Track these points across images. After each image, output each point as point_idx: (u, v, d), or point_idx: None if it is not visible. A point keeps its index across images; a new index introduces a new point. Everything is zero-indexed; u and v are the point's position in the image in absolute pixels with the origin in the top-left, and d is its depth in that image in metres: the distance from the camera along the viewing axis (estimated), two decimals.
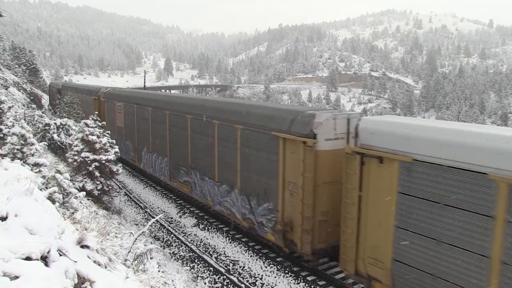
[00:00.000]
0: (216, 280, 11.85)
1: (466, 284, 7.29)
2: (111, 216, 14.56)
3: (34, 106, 36.54)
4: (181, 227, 16.14)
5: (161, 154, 19.23)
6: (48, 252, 4.26)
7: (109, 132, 16.43)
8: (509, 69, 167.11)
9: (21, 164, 8.91)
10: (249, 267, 12.56)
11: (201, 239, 14.83)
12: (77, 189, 11.40)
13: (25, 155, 10.81)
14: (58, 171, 11.22)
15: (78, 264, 4.81)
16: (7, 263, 3.67)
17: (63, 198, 9.13)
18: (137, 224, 16.07)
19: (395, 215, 8.45)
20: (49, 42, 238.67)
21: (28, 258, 3.95)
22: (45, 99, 55.92)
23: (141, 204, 18.78)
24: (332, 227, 10.75)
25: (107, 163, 15.12)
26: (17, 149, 10.82)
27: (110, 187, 15.98)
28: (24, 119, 18.66)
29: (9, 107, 14.59)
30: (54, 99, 43.68)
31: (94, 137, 14.78)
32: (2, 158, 9.43)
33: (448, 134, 7.74)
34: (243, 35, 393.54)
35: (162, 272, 10.11)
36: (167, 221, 16.66)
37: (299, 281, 11.51)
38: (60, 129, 20.35)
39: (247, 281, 11.74)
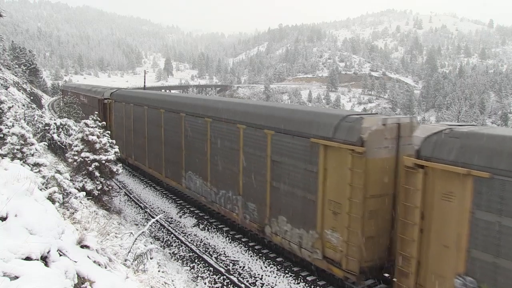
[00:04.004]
0: (216, 280, 11.85)
1: None
2: (111, 216, 14.56)
3: (34, 106, 36.48)
4: (181, 227, 16.14)
5: None
6: (48, 252, 4.26)
7: (109, 132, 16.33)
8: (509, 69, 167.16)
9: (21, 164, 8.90)
10: (249, 267, 12.56)
11: (201, 239, 14.83)
12: (77, 189, 11.39)
13: (25, 155, 10.81)
14: (58, 171, 11.23)
15: (78, 264, 4.81)
16: (7, 263, 3.66)
17: (63, 198, 9.13)
18: (137, 224, 16.06)
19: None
20: (49, 42, 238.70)
21: (28, 258, 3.95)
22: (45, 99, 55.86)
23: (141, 204, 18.78)
24: None
25: (107, 163, 15.11)
26: (17, 149, 10.81)
27: (110, 187, 15.97)
28: (24, 119, 18.67)
29: (9, 107, 14.61)
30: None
31: (94, 137, 14.76)
32: (2, 158, 9.43)
33: None
34: (243, 35, 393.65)
35: (162, 272, 10.10)
36: (167, 221, 16.66)
37: (299, 281, 11.51)
38: (60, 129, 20.34)
39: (247, 281, 11.74)
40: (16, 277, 3.56)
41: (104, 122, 16.95)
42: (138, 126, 22.26)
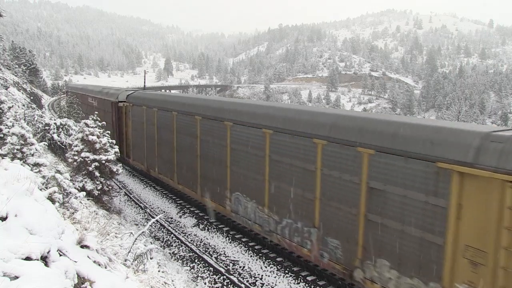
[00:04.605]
0: (216, 280, 11.85)
1: None
2: (111, 216, 14.56)
3: (34, 106, 36.45)
4: (181, 227, 16.14)
5: None
6: (48, 252, 4.26)
7: (109, 132, 16.29)
8: (509, 69, 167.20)
9: (21, 164, 8.91)
10: (249, 267, 12.56)
11: (201, 239, 14.83)
12: (77, 189, 11.40)
13: (25, 155, 10.81)
14: (58, 171, 11.23)
15: (78, 264, 4.81)
16: (7, 263, 3.66)
17: (63, 198, 9.14)
18: (137, 224, 16.07)
19: None
20: (49, 42, 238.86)
21: (28, 258, 3.95)
22: (45, 99, 55.83)
23: (141, 204, 18.78)
24: None
25: (107, 163, 15.11)
26: (17, 149, 10.82)
27: (110, 187, 15.97)
28: (24, 119, 18.68)
29: (9, 107, 14.62)
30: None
31: (94, 137, 14.77)
32: (2, 158, 9.44)
33: None
34: (243, 35, 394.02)
35: (162, 272, 10.10)
36: (167, 221, 16.66)
37: (299, 281, 11.52)
38: (60, 129, 20.35)
39: (247, 281, 11.74)
40: (16, 277, 3.56)
41: (104, 122, 16.78)
42: (165, 134, 19.09)
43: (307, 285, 11.33)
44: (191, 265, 12.84)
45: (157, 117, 19.75)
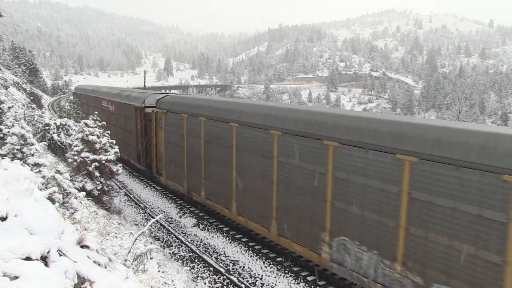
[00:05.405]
0: (216, 280, 11.85)
1: None
2: (111, 216, 14.56)
3: (34, 106, 36.43)
4: (181, 227, 16.14)
5: None
6: (48, 252, 4.26)
7: (109, 132, 16.26)
8: (509, 69, 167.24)
9: (21, 164, 8.91)
10: (249, 267, 12.56)
11: (201, 239, 14.83)
12: (77, 189, 11.40)
13: (25, 155, 10.81)
14: (58, 171, 11.23)
15: (78, 264, 4.81)
16: (7, 263, 3.66)
17: (63, 198, 9.14)
18: (137, 224, 16.07)
19: None
20: (49, 42, 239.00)
21: (28, 258, 3.95)
22: (45, 99, 55.84)
23: (141, 204, 18.78)
24: None
25: (107, 163, 15.10)
26: (17, 149, 10.82)
27: (110, 187, 15.96)
28: (24, 119, 18.68)
29: (9, 107, 14.62)
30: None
31: (94, 137, 14.76)
32: (2, 158, 9.44)
33: None
34: (243, 35, 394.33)
35: (162, 272, 10.11)
36: (167, 221, 16.66)
37: (299, 281, 11.51)
38: (60, 129, 20.35)
39: (247, 281, 11.74)
40: (16, 277, 3.56)
41: (104, 122, 16.64)
42: (217, 151, 15.06)
43: (307, 285, 11.33)
44: (191, 265, 12.84)
45: (204, 128, 15.69)
